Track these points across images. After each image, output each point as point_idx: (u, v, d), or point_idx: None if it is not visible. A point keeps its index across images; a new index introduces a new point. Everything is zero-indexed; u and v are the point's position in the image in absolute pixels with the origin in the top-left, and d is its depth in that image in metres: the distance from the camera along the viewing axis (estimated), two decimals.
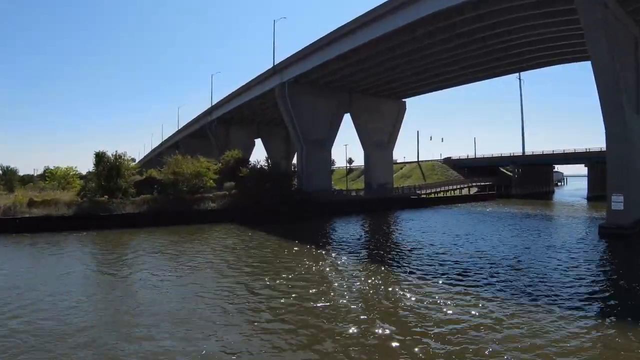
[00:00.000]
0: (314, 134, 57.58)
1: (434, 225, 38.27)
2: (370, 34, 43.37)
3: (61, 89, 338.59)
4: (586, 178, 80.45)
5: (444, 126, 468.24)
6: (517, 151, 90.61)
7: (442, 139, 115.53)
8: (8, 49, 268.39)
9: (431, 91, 65.70)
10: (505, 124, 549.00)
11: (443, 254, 24.11)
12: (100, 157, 42.50)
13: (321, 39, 49.23)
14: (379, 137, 66.96)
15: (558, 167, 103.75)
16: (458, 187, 71.34)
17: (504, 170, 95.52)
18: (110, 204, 38.55)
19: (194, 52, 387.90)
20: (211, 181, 46.01)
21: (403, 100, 70.24)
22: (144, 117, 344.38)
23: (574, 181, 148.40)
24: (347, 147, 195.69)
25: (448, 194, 67.80)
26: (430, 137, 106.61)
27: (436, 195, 65.82)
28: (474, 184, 74.19)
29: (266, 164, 54.32)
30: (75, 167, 53.12)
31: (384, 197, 56.80)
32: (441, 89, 64.34)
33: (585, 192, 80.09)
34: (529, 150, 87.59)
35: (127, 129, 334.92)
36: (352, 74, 54.15)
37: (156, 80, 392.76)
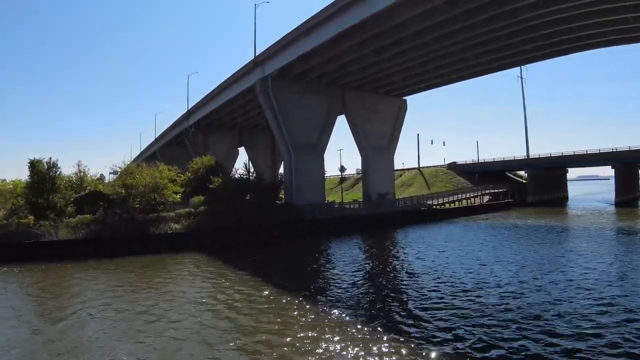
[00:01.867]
0: (303, 137, 49.91)
1: (464, 249, 30.10)
2: (365, 11, 35.74)
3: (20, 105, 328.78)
4: (594, 181, 75.67)
5: (442, 130, 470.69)
6: (521, 155, 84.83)
7: (444, 142, 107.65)
8: None
9: (436, 86, 58.59)
10: (508, 126, 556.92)
11: (505, 310, 15.60)
12: (34, 167, 34.04)
13: (306, 22, 41.44)
14: (378, 140, 59.46)
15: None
16: (469, 195, 63.58)
17: (511, 175, 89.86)
18: (38, 227, 29.97)
19: (172, 52, 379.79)
20: (174, 195, 37.50)
21: (403, 98, 63.04)
22: (122, 127, 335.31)
23: (577, 185, 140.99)
24: (337, 154, 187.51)
25: (457, 204, 59.87)
26: (432, 141, 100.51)
27: (449, 206, 58.09)
28: (487, 191, 66.34)
29: (246, 173, 46.00)
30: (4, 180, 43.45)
31: (387, 211, 48.75)
32: (447, 83, 57.08)
33: (605, 197, 75.53)
34: (533, 154, 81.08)
35: (104, 141, 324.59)
36: (344, 66, 46.56)
37: (131, 86, 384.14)
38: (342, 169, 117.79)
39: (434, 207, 54.80)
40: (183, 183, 41.91)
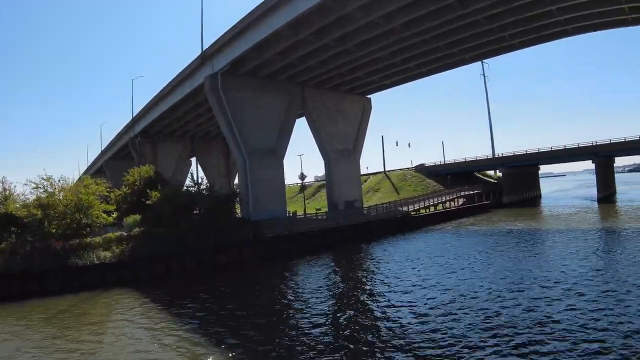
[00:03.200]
0: (260, 141, 44.78)
1: (465, 268, 25.11)
2: None
3: None
4: (556, 178, 75.27)
5: (406, 132, 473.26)
6: (486, 154, 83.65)
7: (409, 144, 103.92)
8: None
9: (404, 82, 54.62)
10: (473, 126, 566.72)
11: None
12: None
13: (260, 4, 36.22)
14: (342, 143, 55.08)
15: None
16: (445, 199, 59.74)
17: (480, 176, 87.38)
18: None
19: (114, 56, 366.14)
20: (104, 215, 31.46)
21: (368, 96, 59.30)
22: (70, 141, 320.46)
23: (543, 183, 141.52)
24: (296, 159, 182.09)
25: (433, 209, 55.85)
26: (397, 143, 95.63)
27: (426, 212, 53.99)
28: (462, 193, 63.12)
29: (193, 184, 40.37)
30: None
31: (359, 222, 43.82)
32: (416, 78, 53.32)
33: (578, 193, 78.14)
34: (506, 152, 78.90)
35: (49, 157, 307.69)
36: (304, 58, 41.82)
37: (75, 97, 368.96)
38: (303, 176, 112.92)
39: (411, 213, 50.43)
40: (118, 199, 36.03)
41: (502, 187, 72.65)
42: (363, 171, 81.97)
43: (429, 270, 24.89)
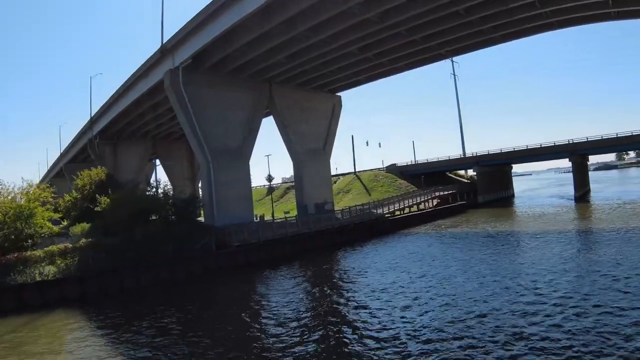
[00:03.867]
0: (224, 141, 42.52)
1: (455, 285, 22.11)
2: None
3: None
4: (523, 177, 76.41)
5: (375, 131, 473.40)
6: (458, 153, 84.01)
7: (380, 143, 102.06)
8: None
9: (377, 78, 52.69)
10: (443, 126, 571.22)
11: None
12: None
13: None
14: (312, 142, 53.11)
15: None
16: (420, 200, 58.44)
17: (452, 175, 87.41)
18: None
19: (75, 53, 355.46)
20: (49, 224, 28.47)
21: (338, 94, 57.44)
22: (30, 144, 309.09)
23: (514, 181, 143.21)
24: (263, 160, 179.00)
25: (407, 210, 54.31)
26: (367, 142, 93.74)
27: (401, 214, 52.30)
28: (437, 194, 62.22)
29: (150, 188, 37.57)
30: None
31: (332, 226, 41.93)
32: (390, 74, 51.33)
33: (551, 192, 78.32)
34: (481, 151, 77.99)
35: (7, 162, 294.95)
36: (272, 52, 39.34)
37: (31, 98, 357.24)
38: (270, 177, 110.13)
39: (385, 216, 48.71)
40: (67, 206, 33.02)
41: (477, 186, 72.19)
42: (333, 172, 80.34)
43: (411, 287, 22.34)
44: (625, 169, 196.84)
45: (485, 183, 72.28)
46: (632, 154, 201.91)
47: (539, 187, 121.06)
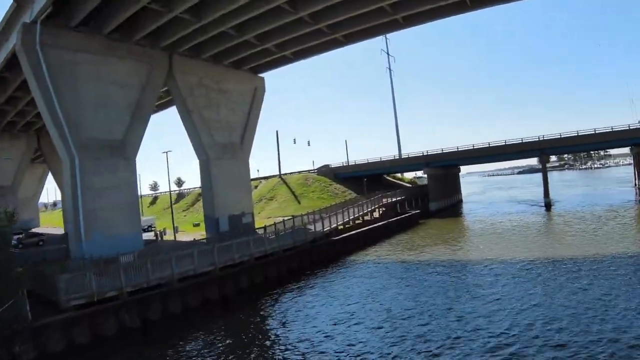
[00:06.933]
0: (100, 130, 33.97)
1: None
2: None
3: None
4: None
5: (303, 128, 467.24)
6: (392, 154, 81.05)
7: (309, 142, 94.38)
8: None
9: (311, 53, 45.69)
10: (377, 126, 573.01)
11: None
12: None
13: None
14: (225, 135, 45.69)
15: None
16: (367, 210, 51.18)
17: (390, 179, 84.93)
18: None
19: None
20: None
21: (261, 75, 50.39)
22: None
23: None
24: (162, 157, 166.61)
25: (351, 223, 46.56)
26: (294, 140, 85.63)
27: (343, 228, 44.19)
28: (384, 201, 56.11)
29: None
30: None
31: (252, 256, 30.70)
32: (327, 49, 44.53)
33: (498, 196, 78.21)
34: (431, 150, 73.59)
35: None
36: (169, 4, 31.11)
37: None
38: (179, 181, 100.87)
39: (326, 231, 40.04)
40: None
41: (428, 192, 67.83)
42: (253, 175, 72.62)
43: None
44: (548, 172, 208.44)
45: (436, 187, 68.49)
46: (553, 158, 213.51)
47: (478, 191, 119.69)
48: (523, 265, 28.59)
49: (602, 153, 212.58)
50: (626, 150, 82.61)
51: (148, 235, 50.15)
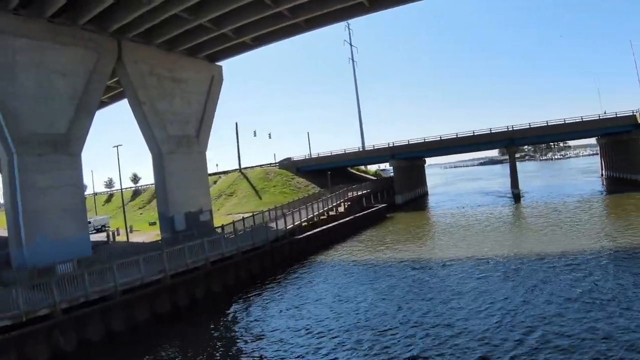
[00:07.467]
0: (40, 123, 31.60)
1: None
2: None
3: None
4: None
5: (264, 120, 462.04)
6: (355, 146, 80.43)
7: (270, 134, 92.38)
8: None
9: (273, 39, 44.09)
10: (339, 120, 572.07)
11: None
12: None
13: None
14: (180, 128, 43.92)
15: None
16: (333, 204, 49.80)
17: (354, 172, 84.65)
18: None
19: None
20: None
21: (218, 63, 48.61)
22: None
23: None
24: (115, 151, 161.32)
25: (316, 219, 44.91)
26: (255, 133, 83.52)
27: (308, 224, 42.42)
28: (350, 194, 55.04)
29: None
30: None
31: (207, 262, 27.91)
32: (290, 34, 43.06)
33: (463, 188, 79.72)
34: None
35: None
36: None
37: None
38: (135, 178, 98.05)
39: (288, 231, 37.66)
40: None
41: (394, 184, 67.67)
42: (212, 170, 70.42)
43: None
44: (507, 164, 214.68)
45: (402, 180, 68.21)
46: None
47: (441, 182, 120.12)
48: (503, 263, 26.96)
49: (561, 144, 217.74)
50: (585, 141, 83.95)
51: (101, 237, 47.77)
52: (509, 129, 62.57)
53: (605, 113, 60.81)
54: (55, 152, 31.62)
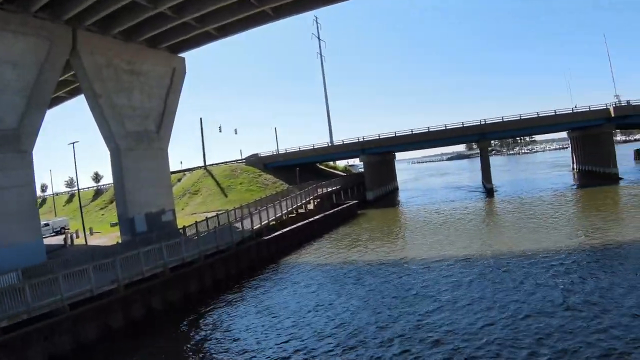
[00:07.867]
0: None
1: None
2: None
3: None
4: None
5: (229, 117, 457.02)
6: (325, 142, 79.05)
7: (236, 130, 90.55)
8: None
9: (239, 29, 42.44)
10: (308, 116, 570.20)
11: None
12: None
13: None
14: (140, 123, 42.04)
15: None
16: (302, 202, 48.79)
17: (324, 167, 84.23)
18: None
19: None
20: None
21: (180, 55, 46.74)
22: None
23: None
24: (79, 149, 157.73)
25: (284, 217, 43.48)
26: (220, 128, 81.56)
27: (277, 224, 40.78)
28: (320, 191, 54.33)
29: None
30: None
31: (166, 269, 25.68)
32: (258, 23, 41.31)
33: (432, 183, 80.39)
34: (368, 135, 71.88)
35: None
36: None
37: None
38: (97, 177, 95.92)
39: (255, 228, 36.28)
40: None
41: (365, 180, 67.51)
42: (176, 167, 68.36)
43: None
44: (475, 159, 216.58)
45: (372, 175, 68.08)
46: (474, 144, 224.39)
47: (408, 178, 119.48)
48: (485, 263, 26.01)
49: (527, 139, 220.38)
50: (552, 136, 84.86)
51: (59, 240, 45.44)
52: (482, 123, 62.29)
53: (576, 107, 61.36)
54: (3, 149, 29.45)
